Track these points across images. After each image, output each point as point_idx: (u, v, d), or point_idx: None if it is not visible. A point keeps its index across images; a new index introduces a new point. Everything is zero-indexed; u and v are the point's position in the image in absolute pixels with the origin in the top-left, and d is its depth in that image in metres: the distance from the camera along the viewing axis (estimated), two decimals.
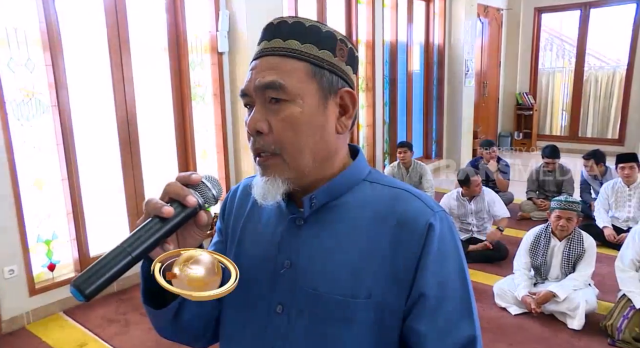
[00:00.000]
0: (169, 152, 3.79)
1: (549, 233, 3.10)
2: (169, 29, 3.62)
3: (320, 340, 0.73)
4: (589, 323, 2.80)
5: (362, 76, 5.58)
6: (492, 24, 8.20)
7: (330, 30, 0.75)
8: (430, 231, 0.71)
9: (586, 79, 8.59)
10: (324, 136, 0.74)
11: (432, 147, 7.18)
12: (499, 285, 3.15)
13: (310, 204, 0.76)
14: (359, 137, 5.60)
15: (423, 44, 6.77)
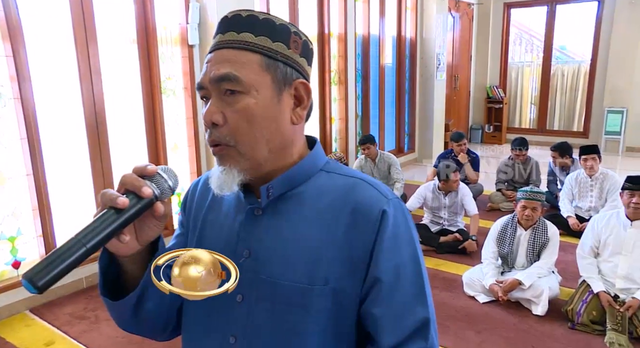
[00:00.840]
0: (139, 145, 3.74)
1: (515, 223, 3.18)
2: (138, 20, 3.56)
3: (280, 328, 0.75)
4: (552, 309, 2.90)
5: (334, 69, 5.60)
6: (463, 18, 8.31)
7: (284, 23, 0.76)
8: (384, 218, 0.74)
9: (553, 73, 8.81)
10: (279, 127, 0.76)
11: (405, 140, 7.26)
12: (468, 275, 3.23)
13: (267, 194, 0.77)
14: (331, 130, 5.62)
15: (395, 38, 6.82)
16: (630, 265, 2.77)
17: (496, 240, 3.22)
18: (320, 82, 5.48)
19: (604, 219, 2.93)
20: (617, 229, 2.84)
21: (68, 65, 3.19)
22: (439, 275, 3.48)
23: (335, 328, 0.75)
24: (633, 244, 2.77)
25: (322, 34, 5.38)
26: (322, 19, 5.36)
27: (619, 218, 2.87)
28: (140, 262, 0.76)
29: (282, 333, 0.75)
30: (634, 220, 2.79)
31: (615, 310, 2.68)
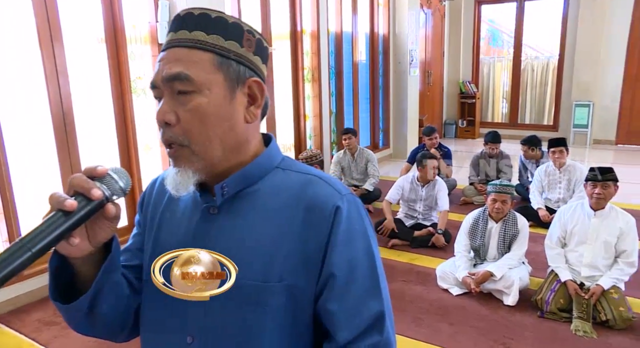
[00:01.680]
0: (110, 146, 3.68)
1: (486, 216, 3.25)
2: (105, 19, 3.49)
3: (238, 326, 0.75)
4: (522, 298, 2.97)
5: (307, 67, 5.60)
6: (435, 14, 8.40)
7: (236, 21, 0.76)
8: (338, 213, 0.75)
9: (523, 69, 8.99)
10: (232, 126, 0.76)
11: (379, 136, 7.31)
12: (441, 268, 3.28)
13: (222, 192, 0.78)
14: (305, 127, 5.62)
15: (368, 34, 6.85)
16: (594, 254, 2.86)
17: (468, 233, 3.28)
18: (294, 80, 5.47)
19: (569, 210, 3.02)
20: (582, 219, 2.92)
21: (33, 65, 3.11)
22: (413, 270, 3.53)
23: (292, 325, 0.76)
24: (597, 233, 2.86)
25: (295, 31, 5.37)
26: (294, 16, 5.34)
27: (584, 208, 2.95)
28: (93, 264, 0.76)
29: (239, 332, 0.75)
30: (597, 210, 2.87)
31: (581, 298, 2.76)
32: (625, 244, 2.81)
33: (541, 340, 2.62)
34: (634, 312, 2.73)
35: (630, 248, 2.81)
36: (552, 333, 2.69)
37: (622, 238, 2.82)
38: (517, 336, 2.67)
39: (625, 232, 2.81)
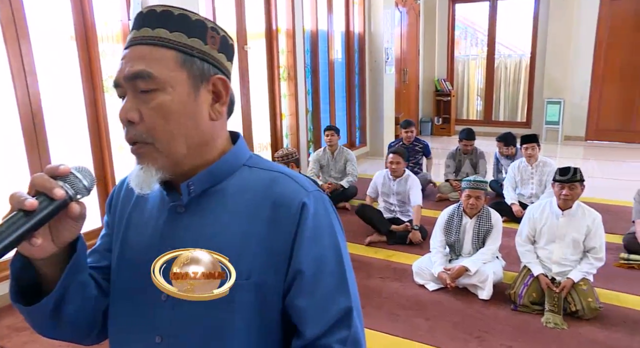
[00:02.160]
0: (82, 147, 3.61)
1: (460, 211, 3.30)
2: (75, 16, 3.42)
3: (205, 324, 0.75)
4: (496, 292, 3.03)
5: (283, 65, 5.58)
6: (410, 13, 8.47)
7: (200, 18, 0.76)
8: (304, 210, 0.75)
9: (497, 66, 9.14)
10: (197, 123, 0.75)
11: (356, 134, 7.34)
12: (417, 264, 3.32)
13: (189, 191, 0.77)
14: (282, 126, 5.61)
15: (344, 33, 6.87)
16: (563, 252, 2.94)
17: (443, 229, 3.32)
18: (270, 78, 5.45)
19: (538, 209, 3.08)
20: (551, 219, 2.99)
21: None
22: (390, 266, 3.56)
23: (261, 322, 0.76)
24: (565, 232, 2.93)
25: (270, 29, 5.35)
26: (269, 15, 5.32)
27: (552, 207, 3.01)
28: (58, 265, 0.74)
29: (208, 330, 0.75)
30: (565, 209, 2.94)
31: (552, 291, 2.83)
32: (593, 241, 2.89)
33: (515, 332, 2.68)
34: (601, 302, 2.81)
35: (599, 244, 2.89)
36: (525, 325, 2.75)
37: (590, 236, 2.89)
38: (491, 329, 2.72)
39: (593, 230, 2.89)
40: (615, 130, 7.96)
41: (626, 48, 7.60)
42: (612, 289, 3.11)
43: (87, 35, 3.48)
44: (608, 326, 2.71)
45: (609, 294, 3.04)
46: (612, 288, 3.12)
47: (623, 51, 7.63)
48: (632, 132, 7.82)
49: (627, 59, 7.61)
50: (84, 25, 3.46)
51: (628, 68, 7.63)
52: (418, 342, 2.60)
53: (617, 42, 7.65)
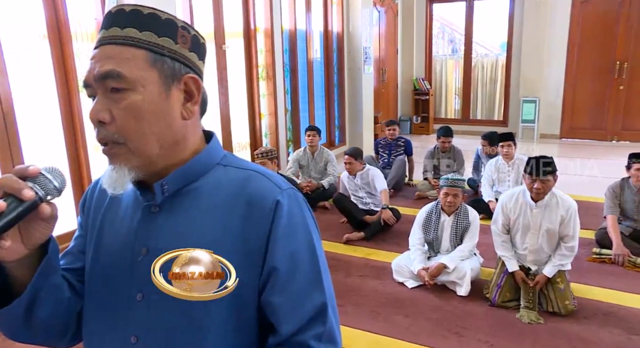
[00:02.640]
0: (57, 148, 3.54)
1: (439, 209, 3.34)
2: (47, 14, 3.34)
3: (181, 323, 0.75)
4: (474, 289, 3.08)
5: (261, 65, 5.56)
6: (388, 12, 8.52)
7: (170, 17, 0.76)
8: (278, 208, 0.76)
9: (474, 66, 9.26)
10: (168, 123, 0.75)
11: (336, 134, 7.36)
12: (396, 262, 3.35)
13: (162, 190, 0.77)
14: (261, 125, 5.59)
15: (322, 32, 6.88)
16: (539, 242, 2.98)
17: (422, 226, 3.36)
18: (248, 78, 5.43)
19: (512, 199, 3.06)
20: (524, 210, 3.01)
21: None
22: (369, 264, 3.58)
23: (237, 320, 0.76)
24: (539, 223, 2.96)
25: (248, 28, 5.33)
26: (247, 14, 5.30)
27: (525, 198, 2.99)
28: (29, 267, 0.73)
29: (184, 329, 0.75)
30: (537, 201, 2.97)
31: (527, 286, 2.89)
32: (567, 229, 2.90)
33: (492, 327, 2.73)
34: (575, 296, 2.89)
35: (572, 232, 2.90)
36: (503, 320, 2.80)
37: (564, 225, 2.91)
38: (470, 325, 2.76)
39: (567, 219, 2.89)
40: (587, 128, 8.14)
41: (596, 48, 7.78)
42: (585, 283, 3.19)
43: (60, 33, 3.41)
44: (581, 319, 2.78)
45: (582, 288, 3.12)
46: (585, 282, 3.20)
47: (594, 51, 7.81)
48: (603, 130, 8.01)
49: (598, 59, 7.80)
50: (56, 23, 3.39)
51: (599, 68, 7.81)
52: (397, 339, 2.63)
53: (588, 43, 7.84)
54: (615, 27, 7.59)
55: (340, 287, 3.19)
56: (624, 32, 7.55)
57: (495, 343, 2.58)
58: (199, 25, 4.65)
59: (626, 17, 7.49)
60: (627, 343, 2.55)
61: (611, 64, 7.70)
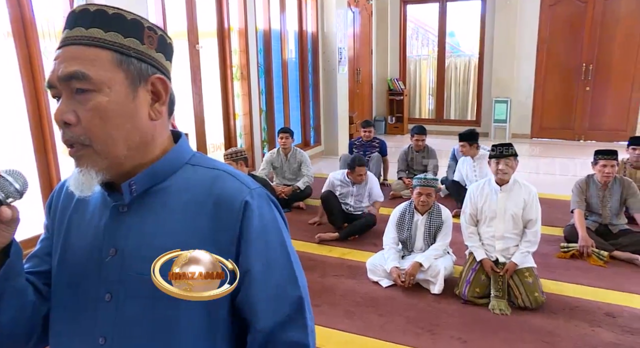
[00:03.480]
0: (25, 150, 3.44)
1: (412, 209, 3.38)
2: (11, 10, 3.25)
3: (151, 323, 0.75)
4: (448, 287, 3.13)
5: (236, 65, 5.53)
6: (362, 13, 8.58)
7: (136, 17, 0.75)
8: (247, 208, 0.77)
9: (447, 66, 9.39)
10: (135, 124, 0.75)
11: (311, 134, 7.37)
12: (371, 261, 3.38)
13: (130, 190, 0.77)
14: (235, 126, 5.56)
15: (297, 32, 6.88)
16: (505, 227, 3.06)
17: (396, 226, 3.39)
18: (222, 78, 5.39)
19: (478, 188, 3.20)
20: (490, 196, 3.11)
21: None
22: (344, 264, 3.60)
23: (208, 318, 0.76)
24: (504, 207, 3.06)
25: (222, 28, 5.29)
26: (221, 14, 5.26)
27: (491, 185, 3.14)
28: None
29: (154, 329, 0.75)
30: (502, 185, 3.07)
31: (497, 275, 2.98)
32: (530, 213, 3.03)
33: (465, 324, 2.78)
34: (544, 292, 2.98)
35: (535, 216, 3.03)
36: (475, 317, 2.85)
37: (526, 209, 3.03)
38: (443, 322, 2.80)
39: (529, 203, 3.03)
40: (557, 128, 8.35)
41: (564, 51, 8.00)
42: (553, 279, 3.27)
43: (26, 31, 3.32)
44: (549, 313, 2.86)
45: (550, 284, 3.20)
46: (552, 278, 3.29)
47: (562, 53, 8.02)
48: (571, 130, 8.23)
49: (566, 61, 8.01)
50: (22, 20, 3.30)
51: (566, 69, 8.03)
52: (372, 338, 2.65)
53: (556, 45, 8.04)
54: (581, 30, 7.81)
55: (315, 287, 3.20)
56: (589, 35, 7.78)
57: (468, 339, 2.63)
58: (172, 24, 4.59)
59: (590, 21, 7.73)
60: (591, 336, 2.64)
61: (578, 66, 7.92)
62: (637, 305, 2.94)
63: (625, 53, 7.61)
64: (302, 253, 3.79)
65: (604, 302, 2.97)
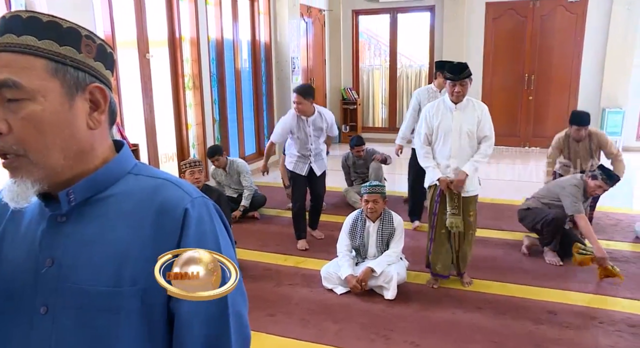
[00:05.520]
0: None
1: (363, 216, 3.43)
2: None
3: (89, 335, 0.74)
4: (401, 292, 3.20)
5: (188, 74, 5.47)
6: (315, 23, 8.68)
7: (72, 26, 0.74)
8: (187, 216, 0.77)
9: (399, 76, 9.62)
10: (72, 133, 0.74)
11: (265, 143, 7.34)
12: (325, 269, 3.40)
13: (68, 200, 0.76)
14: (188, 136, 5.49)
15: (250, 42, 6.88)
16: (460, 145, 3.16)
17: (348, 233, 3.44)
18: (174, 87, 5.32)
19: (433, 108, 3.27)
20: (445, 114, 3.20)
21: None
22: (299, 273, 3.61)
23: (149, 329, 0.76)
24: (459, 125, 3.15)
25: (173, 37, 5.23)
26: (172, 23, 5.20)
27: (445, 104, 3.21)
28: None
29: (92, 341, 0.74)
30: (457, 103, 3.17)
31: (453, 193, 3.14)
32: (484, 130, 3.16)
33: (418, 328, 2.84)
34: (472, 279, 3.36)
35: (488, 132, 3.18)
36: (428, 321, 2.92)
37: (480, 126, 3.15)
38: (397, 327, 2.86)
39: (483, 120, 3.16)
40: (503, 135, 8.64)
41: (508, 61, 8.37)
42: (500, 281, 3.41)
43: None
44: (498, 314, 2.98)
45: (497, 285, 3.34)
46: (500, 280, 3.42)
47: (506, 64, 8.39)
48: (517, 137, 8.60)
49: (510, 71, 8.38)
50: None
51: (511, 79, 8.40)
52: (326, 345, 2.68)
53: (501, 56, 8.41)
54: (523, 42, 8.21)
55: (270, 297, 3.20)
56: (530, 47, 8.18)
57: (421, 343, 2.69)
58: (121, 33, 4.50)
59: (530, 33, 8.14)
60: (535, 333, 2.77)
61: (521, 76, 8.31)
62: (574, 301, 3.12)
63: (562, 63, 8.05)
64: (258, 262, 3.78)
65: (546, 301, 3.12)
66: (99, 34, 4.21)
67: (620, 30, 7.55)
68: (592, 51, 7.83)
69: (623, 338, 2.69)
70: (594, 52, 7.82)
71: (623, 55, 7.60)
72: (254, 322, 2.88)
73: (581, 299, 3.14)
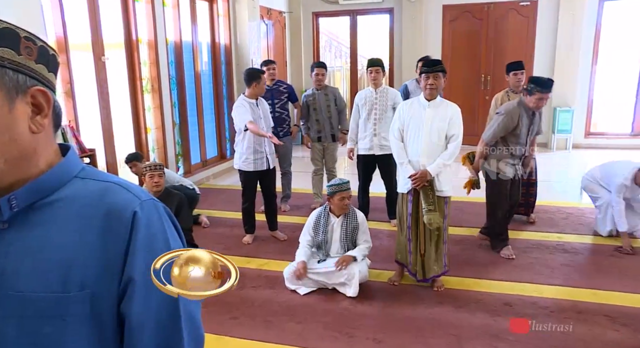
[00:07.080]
0: None
1: (327, 212, 3.47)
2: None
3: (34, 344, 0.73)
4: (363, 290, 3.25)
5: (146, 77, 5.37)
6: (276, 25, 8.68)
7: (10, 26, 0.73)
8: (136, 219, 0.77)
9: (360, 77, 9.73)
10: (12, 137, 0.73)
11: (226, 146, 7.30)
12: (287, 270, 3.40)
13: (10, 206, 0.75)
14: (147, 140, 5.39)
15: (210, 44, 6.82)
16: (430, 141, 3.22)
17: (312, 229, 3.47)
18: (132, 91, 5.22)
19: (407, 104, 3.36)
20: (418, 111, 3.26)
21: None
22: (262, 275, 3.61)
23: (98, 334, 0.75)
24: (431, 122, 3.22)
25: (130, 40, 5.13)
26: (128, 25, 5.10)
27: (420, 101, 3.29)
28: None
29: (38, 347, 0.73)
30: (431, 100, 3.23)
31: (427, 190, 3.17)
32: (453, 128, 3.23)
33: (380, 325, 2.89)
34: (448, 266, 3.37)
35: (457, 132, 3.25)
36: (390, 318, 2.98)
37: (451, 124, 3.22)
38: (360, 325, 2.90)
39: (453, 119, 3.23)
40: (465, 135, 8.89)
41: (465, 63, 8.60)
42: (458, 275, 3.50)
43: None
44: (456, 308, 3.06)
45: (455, 280, 3.43)
46: (458, 275, 3.51)
47: (463, 65, 8.62)
48: (476, 136, 8.77)
49: (467, 72, 8.62)
50: None
51: (468, 80, 8.64)
52: (289, 346, 2.69)
53: (458, 58, 8.64)
54: (479, 44, 8.47)
55: (233, 300, 3.18)
56: (485, 49, 8.45)
57: (383, 339, 2.74)
58: (74, 35, 4.39)
59: (485, 36, 8.41)
60: (493, 324, 2.86)
61: (478, 77, 8.56)
62: (528, 293, 3.25)
63: None
64: None
65: (502, 293, 3.24)
66: (50, 36, 4.09)
67: (567, 33, 7.91)
68: (543, 52, 8.16)
69: (572, 325, 2.82)
70: (545, 53, 8.15)
71: (570, 57, 7.96)
72: (217, 325, 2.87)
73: (535, 290, 3.27)
